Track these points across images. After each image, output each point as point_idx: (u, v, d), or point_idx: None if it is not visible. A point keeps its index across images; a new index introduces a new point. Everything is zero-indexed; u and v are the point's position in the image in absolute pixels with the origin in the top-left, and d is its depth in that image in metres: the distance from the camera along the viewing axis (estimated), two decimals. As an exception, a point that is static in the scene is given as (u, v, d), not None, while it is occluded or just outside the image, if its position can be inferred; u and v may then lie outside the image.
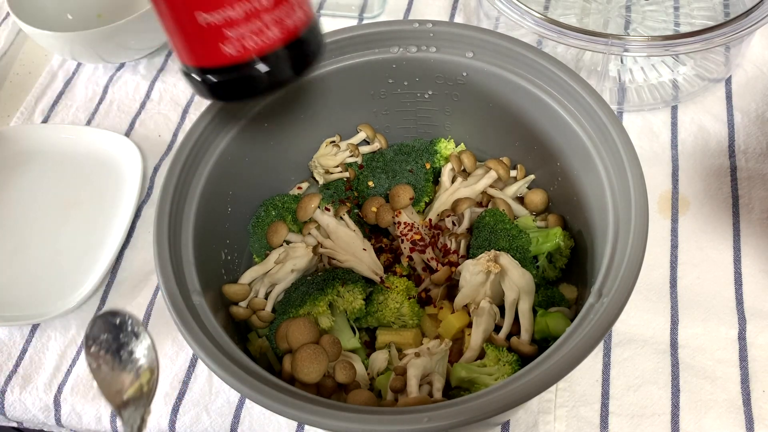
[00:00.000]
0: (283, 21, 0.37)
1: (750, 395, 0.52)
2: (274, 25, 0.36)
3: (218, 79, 0.38)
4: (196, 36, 0.37)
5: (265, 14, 0.36)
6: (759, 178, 0.62)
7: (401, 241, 0.55)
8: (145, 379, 0.41)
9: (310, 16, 0.39)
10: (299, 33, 0.38)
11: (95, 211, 0.66)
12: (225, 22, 0.36)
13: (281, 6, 0.36)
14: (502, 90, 0.54)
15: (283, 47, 0.37)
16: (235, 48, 0.36)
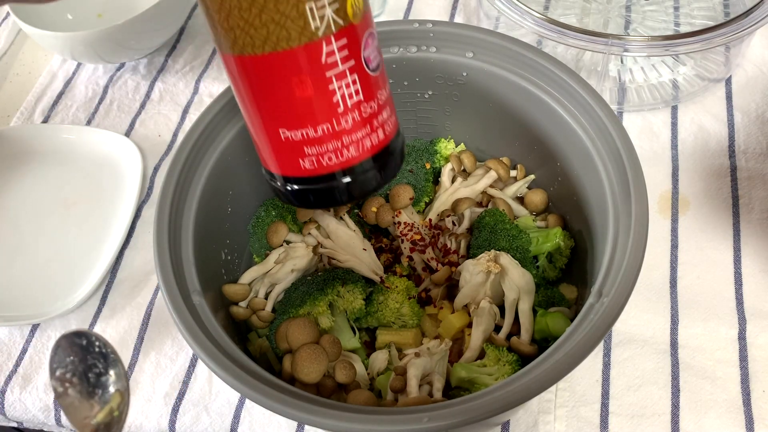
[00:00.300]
0: (363, 141, 0.36)
1: (750, 395, 0.52)
2: (354, 144, 0.36)
3: (298, 188, 0.37)
4: (277, 148, 0.36)
5: (346, 135, 0.35)
6: (759, 178, 0.62)
7: (401, 241, 0.55)
8: (115, 403, 0.38)
9: (394, 131, 0.38)
10: (381, 149, 0.37)
11: (95, 211, 0.66)
12: (305, 140, 0.35)
13: (363, 128, 0.36)
14: (502, 90, 0.54)
15: (363, 162, 0.36)
16: (313, 163, 0.36)
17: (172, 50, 0.79)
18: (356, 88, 0.35)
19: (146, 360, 0.57)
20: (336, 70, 0.34)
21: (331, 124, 0.35)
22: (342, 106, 0.34)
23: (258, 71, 0.34)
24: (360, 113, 0.35)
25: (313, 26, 0.32)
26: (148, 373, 0.57)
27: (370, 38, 0.35)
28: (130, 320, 0.60)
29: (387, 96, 0.37)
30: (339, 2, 0.33)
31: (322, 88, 0.34)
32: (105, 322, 0.60)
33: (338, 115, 0.35)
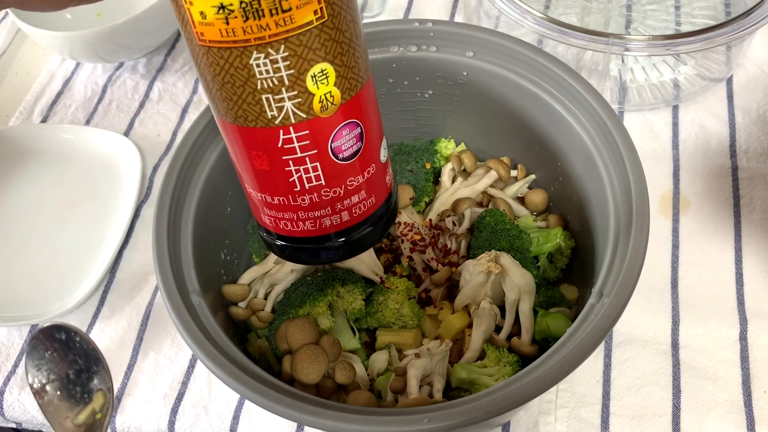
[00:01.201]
0: (322, 219, 0.36)
1: (751, 396, 0.52)
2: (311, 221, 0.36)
3: (289, 245, 0.38)
4: (251, 200, 0.38)
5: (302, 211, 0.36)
6: (760, 178, 0.62)
7: (401, 241, 0.55)
8: (98, 404, 0.36)
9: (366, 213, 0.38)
10: (344, 229, 0.37)
11: (94, 210, 0.66)
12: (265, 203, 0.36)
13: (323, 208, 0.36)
14: (502, 89, 0.54)
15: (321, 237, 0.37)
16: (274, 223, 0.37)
17: (171, 49, 0.79)
18: (317, 174, 0.35)
19: (145, 360, 0.57)
20: (293, 156, 0.34)
21: (286, 198, 0.36)
22: (299, 186, 0.35)
23: (230, 135, 0.35)
24: (320, 196, 0.36)
25: (269, 115, 0.33)
26: (147, 374, 0.57)
27: (345, 129, 0.35)
28: (129, 321, 0.60)
29: (364, 179, 0.37)
30: (302, 97, 0.32)
31: (278, 167, 0.35)
32: (104, 322, 0.60)
33: (294, 194, 0.35)
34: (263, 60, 0.31)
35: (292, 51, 0.31)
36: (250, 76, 0.31)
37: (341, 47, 0.33)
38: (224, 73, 0.32)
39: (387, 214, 0.40)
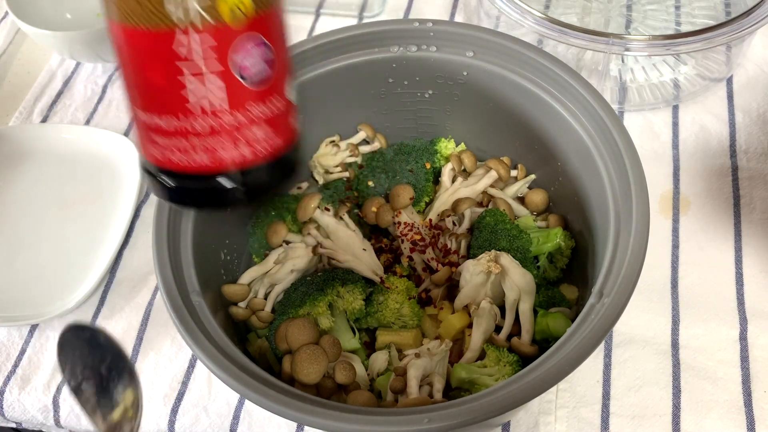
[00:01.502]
0: (218, 152, 0.32)
1: (751, 396, 0.52)
2: (206, 151, 0.32)
3: (176, 184, 0.33)
4: (153, 134, 0.32)
5: (194, 137, 0.31)
6: (760, 178, 0.62)
7: (401, 241, 0.55)
8: (128, 401, 0.37)
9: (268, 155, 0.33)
10: (243, 167, 0.33)
11: (94, 210, 0.66)
12: (153, 128, 0.32)
13: (220, 137, 0.31)
14: (502, 89, 0.54)
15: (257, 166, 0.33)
16: (165, 156, 0.32)
17: (172, 50, 0.79)
18: (218, 95, 0.31)
19: (145, 360, 0.57)
20: (193, 69, 0.30)
21: (179, 120, 0.31)
22: (196, 106, 0.31)
23: (122, 39, 0.31)
24: (219, 122, 0.31)
25: (172, 15, 0.29)
26: (147, 374, 0.57)
27: (254, 47, 0.31)
28: (129, 320, 0.60)
29: (270, 112, 0.33)
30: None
31: (173, 80, 0.30)
32: (104, 322, 0.60)
33: (189, 115, 0.31)
34: None
35: None
36: None
37: None
38: None
39: (292, 163, 0.35)
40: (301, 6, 0.79)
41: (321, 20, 0.79)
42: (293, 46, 0.54)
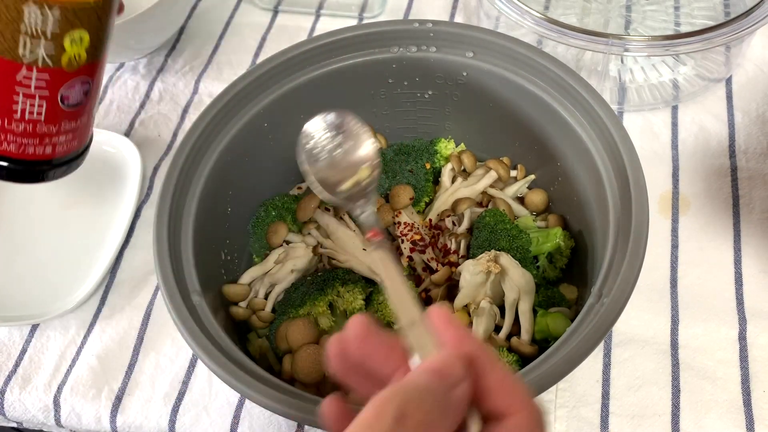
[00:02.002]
0: (26, 147, 0.41)
1: (750, 395, 0.52)
2: (17, 144, 0.41)
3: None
4: None
5: (11, 134, 0.40)
6: (760, 178, 0.62)
7: (401, 241, 0.55)
8: (363, 175, 0.40)
9: (65, 151, 0.43)
10: (42, 159, 0.42)
11: (95, 211, 0.66)
12: None
13: (32, 138, 0.41)
14: (502, 90, 0.54)
15: (18, 160, 0.41)
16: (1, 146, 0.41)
17: (172, 50, 0.79)
18: (39, 111, 0.40)
19: (146, 360, 0.57)
20: (25, 91, 0.39)
21: (3, 120, 0.40)
22: (19, 115, 0.40)
23: None
24: (34, 128, 0.41)
25: (20, 52, 0.38)
26: (147, 374, 0.57)
27: (79, 84, 0.41)
28: (129, 320, 0.60)
29: (76, 126, 0.43)
30: (56, 51, 0.38)
31: (7, 95, 0.39)
32: (104, 322, 0.60)
33: (11, 119, 0.40)
34: (36, 11, 0.36)
35: (65, 17, 0.37)
36: (18, 17, 0.36)
37: (100, 24, 0.40)
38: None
39: (80, 156, 0.46)
40: (301, 7, 0.80)
41: (321, 21, 0.79)
42: (294, 47, 0.54)
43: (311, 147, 0.41)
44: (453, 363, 0.25)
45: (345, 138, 0.41)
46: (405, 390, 0.24)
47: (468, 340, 0.27)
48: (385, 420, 0.23)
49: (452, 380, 0.25)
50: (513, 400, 0.26)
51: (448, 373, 0.25)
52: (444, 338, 0.27)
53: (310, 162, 0.40)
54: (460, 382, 0.25)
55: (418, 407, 0.24)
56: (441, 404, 0.24)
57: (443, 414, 0.24)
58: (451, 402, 0.25)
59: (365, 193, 0.39)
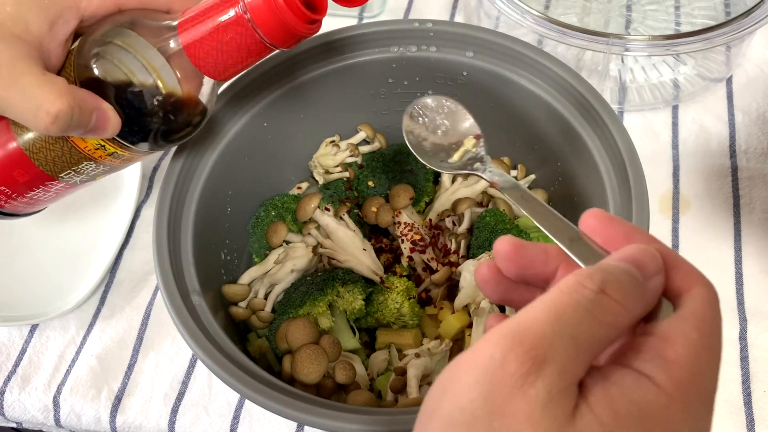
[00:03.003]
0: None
1: (751, 396, 0.52)
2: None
3: None
4: None
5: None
6: (760, 178, 0.62)
7: (401, 241, 0.55)
8: (470, 144, 0.44)
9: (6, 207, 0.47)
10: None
11: (94, 211, 0.66)
12: None
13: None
14: (502, 90, 0.54)
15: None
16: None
17: (172, 50, 0.79)
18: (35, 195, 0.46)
19: (145, 360, 0.57)
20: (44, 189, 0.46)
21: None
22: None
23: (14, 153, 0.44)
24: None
25: (61, 175, 0.44)
26: (147, 374, 0.57)
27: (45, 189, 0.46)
28: (129, 320, 0.60)
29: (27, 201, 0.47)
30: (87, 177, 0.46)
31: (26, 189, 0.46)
32: (104, 322, 0.60)
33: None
34: (92, 164, 0.44)
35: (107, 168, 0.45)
36: (76, 162, 0.44)
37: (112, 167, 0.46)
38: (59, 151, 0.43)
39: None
40: (301, 6, 0.80)
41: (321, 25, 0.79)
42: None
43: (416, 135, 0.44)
44: (651, 255, 0.26)
45: (445, 117, 0.44)
46: (605, 269, 0.25)
47: (638, 233, 0.28)
48: (587, 291, 0.24)
49: (649, 271, 0.26)
50: (691, 277, 0.27)
51: (646, 264, 0.26)
52: (612, 239, 0.28)
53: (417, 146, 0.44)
54: (656, 273, 0.26)
55: (619, 287, 0.25)
56: (639, 290, 0.25)
57: (640, 298, 0.25)
58: (647, 291, 0.26)
59: (479, 157, 0.43)
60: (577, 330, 0.24)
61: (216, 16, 0.40)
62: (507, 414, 0.23)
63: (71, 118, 0.38)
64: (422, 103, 0.45)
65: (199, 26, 0.40)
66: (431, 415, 0.25)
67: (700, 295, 0.26)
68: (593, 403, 0.24)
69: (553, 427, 0.23)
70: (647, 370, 0.24)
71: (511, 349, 0.23)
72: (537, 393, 0.23)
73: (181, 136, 0.45)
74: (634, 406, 0.24)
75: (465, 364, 0.24)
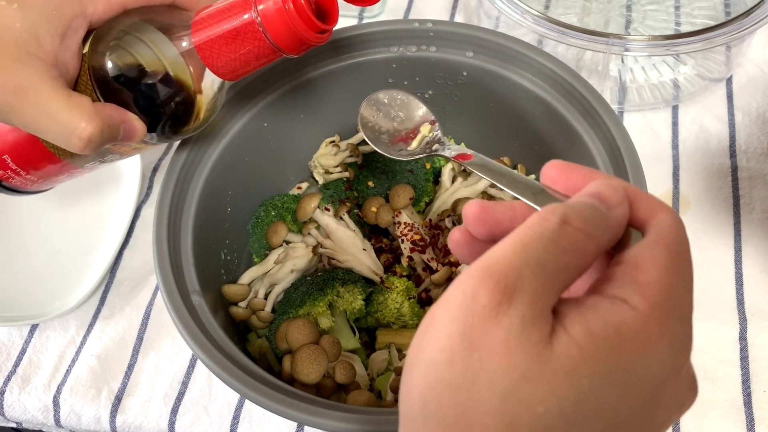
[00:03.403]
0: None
1: (751, 396, 0.52)
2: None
3: None
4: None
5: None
6: (760, 177, 0.62)
7: (401, 241, 0.55)
8: (425, 130, 0.44)
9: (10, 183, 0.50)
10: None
11: (94, 211, 0.66)
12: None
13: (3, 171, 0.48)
14: (502, 89, 0.54)
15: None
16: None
17: (172, 50, 0.79)
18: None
19: (145, 360, 0.57)
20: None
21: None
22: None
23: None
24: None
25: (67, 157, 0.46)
26: (147, 374, 0.57)
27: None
28: (129, 320, 0.60)
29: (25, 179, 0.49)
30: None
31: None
32: (104, 322, 0.60)
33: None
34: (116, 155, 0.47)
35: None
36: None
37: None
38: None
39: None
40: (301, 6, 0.80)
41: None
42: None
43: (372, 127, 0.45)
44: (613, 187, 0.27)
45: (399, 109, 0.45)
46: (568, 204, 0.26)
47: (598, 174, 0.28)
48: (549, 223, 0.25)
49: (611, 202, 0.27)
50: (654, 206, 0.27)
51: (607, 196, 0.27)
52: (573, 183, 0.29)
53: (375, 140, 0.44)
54: (619, 204, 0.27)
55: (580, 215, 0.25)
56: (602, 218, 0.26)
57: (604, 227, 0.26)
58: (611, 220, 0.26)
59: (437, 139, 0.44)
60: (544, 258, 0.24)
61: (229, 20, 0.40)
62: (485, 345, 0.23)
63: (102, 138, 0.40)
64: (375, 98, 0.46)
65: (212, 28, 0.41)
66: (414, 363, 0.25)
67: (664, 220, 0.27)
68: (569, 327, 0.24)
69: (530, 352, 0.23)
70: (621, 294, 0.25)
71: (481, 282, 0.24)
72: (511, 321, 0.23)
73: (189, 129, 0.46)
74: (610, 327, 0.24)
75: (439, 307, 0.25)
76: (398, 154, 0.44)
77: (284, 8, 0.39)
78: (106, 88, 0.42)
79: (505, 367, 0.23)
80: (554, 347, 0.24)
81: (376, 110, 0.45)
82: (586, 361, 0.24)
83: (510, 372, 0.23)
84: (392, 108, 0.45)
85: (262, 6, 0.40)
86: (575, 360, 0.23)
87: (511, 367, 0.23)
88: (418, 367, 0.25)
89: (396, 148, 0.45)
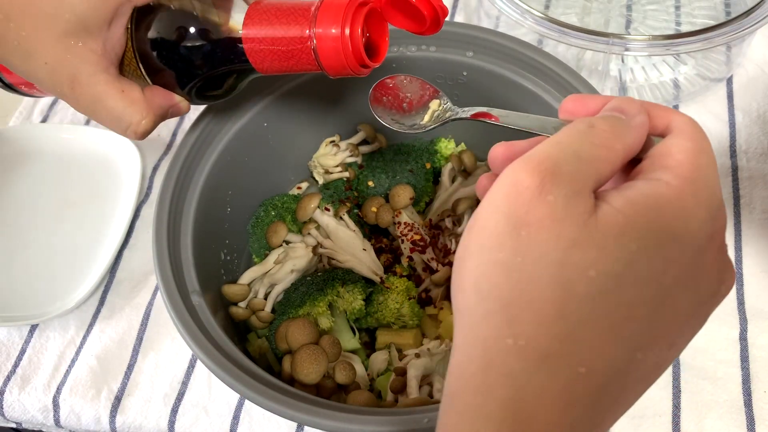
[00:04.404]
0: None
1: (751, 396, 0.52)
2: None
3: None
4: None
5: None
6: (760, 178, 0.62)
7: (401, 241, 0.55)
8: (435, 105, 0.45)
9: None
10: None
11: (94, 211, 0.66)
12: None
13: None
14: (502, 89, 0.54)
15: None
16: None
17: (172, 50, 0.79)
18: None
19: (145, 360, 0.57)
20: None
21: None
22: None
23: None
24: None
25: None
26: (147, 374, 0.57)
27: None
28: (129, 321, 0.60)
29: None
30: None
31: None
32: (104, 322, 0.60)
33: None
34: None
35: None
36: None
37: None
38: None
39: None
40: (301, 6, 0.79)
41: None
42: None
43: (383, 109, 0.46)
44: (630, 100, 0.29)
45: (405, 91, 0.46)
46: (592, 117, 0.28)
47: (614, 98, 0.30)
48: (580, 125, 0.27)
49: (631, 111, 0.28)
50: (669, 113, 0.29)
51: (626, 108, 0.28)
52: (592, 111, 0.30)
53: (388, 120, 0.45)
54: (639, 113, 0.28)
55: (605, 121, 0.27)
56: (624, 123, 0.28)
57: (627, 129, 0.27)
58: (633, 123, 0.28)
59: (449, 108, 0.44)
60: (579, 148, 0.26)
61: (284, 27, 0.41)
62: (532, 221, 0.25)
63: (154, 127, 0.44)
64: (382, 83, 0.47)
65: (264, 28, 0.41)
66: (463, 257, 0.26)
67: (682, 119, 0.28)
68: (611, 200, 0.26)
69: (577, 221, 0.25)
70: (655, 176, 0.27)
71: (522, 168, 0.25)
72: (555, 198, 0.25)
73: (214, 95, 0.46)
74: (650, 198, 0.26)
75: (484, 202, 0.26)
76: (413, 129, 0.45)
77: (341, 39, 0.40)
78: (149, 63, 0.43)
79: (554, 238, 0.24)
80: (599, 216, 0.25)
81: (384, 94, 0.47)
82: (631, 226, 0.25)
83: (559, 241, 0.24)
84: (400, 91, 0.46)
85: (320, 30, 0.40)
86: (621, 225, 0.25)
87: (560, 237, 0.24)
88: (467, 258, 0.26)
89: (409, 123, 0.46)
